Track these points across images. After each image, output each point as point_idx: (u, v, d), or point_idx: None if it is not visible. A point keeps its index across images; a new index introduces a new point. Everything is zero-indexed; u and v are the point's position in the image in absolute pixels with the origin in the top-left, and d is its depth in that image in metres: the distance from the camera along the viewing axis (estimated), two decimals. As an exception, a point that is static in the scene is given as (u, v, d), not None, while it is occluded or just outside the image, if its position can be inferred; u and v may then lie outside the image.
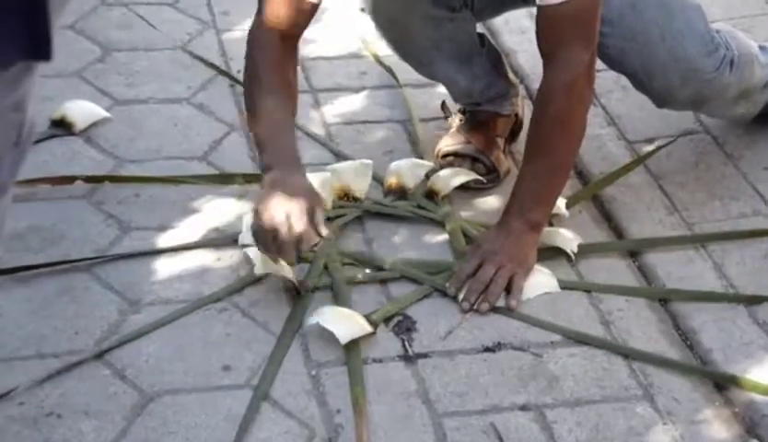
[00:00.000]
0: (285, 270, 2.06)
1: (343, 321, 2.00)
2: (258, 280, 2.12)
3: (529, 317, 2.08)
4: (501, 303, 2.09)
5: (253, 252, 2.09)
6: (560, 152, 2.13)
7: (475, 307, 2.07)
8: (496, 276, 2.08)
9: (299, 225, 1.94)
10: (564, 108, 2.09)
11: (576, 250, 2.21)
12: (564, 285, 2.15)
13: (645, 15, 2.20)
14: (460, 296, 2.09)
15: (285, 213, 1.94)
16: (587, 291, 2.15)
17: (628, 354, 2.02)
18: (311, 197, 1.97)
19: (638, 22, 2.19)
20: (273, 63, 2.10)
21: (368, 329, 2.01)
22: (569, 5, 2.02)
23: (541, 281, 2.14)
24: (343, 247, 2.21)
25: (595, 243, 2.27)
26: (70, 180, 2.33)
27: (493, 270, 2.08)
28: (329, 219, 2.16)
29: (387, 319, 2.06)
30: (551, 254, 2.20)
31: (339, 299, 2.08)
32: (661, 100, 2.32)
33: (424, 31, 2.30)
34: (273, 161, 2.02)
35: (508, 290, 2.09)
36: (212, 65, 2.73)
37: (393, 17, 2.30)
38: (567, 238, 2.23)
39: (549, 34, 2.07)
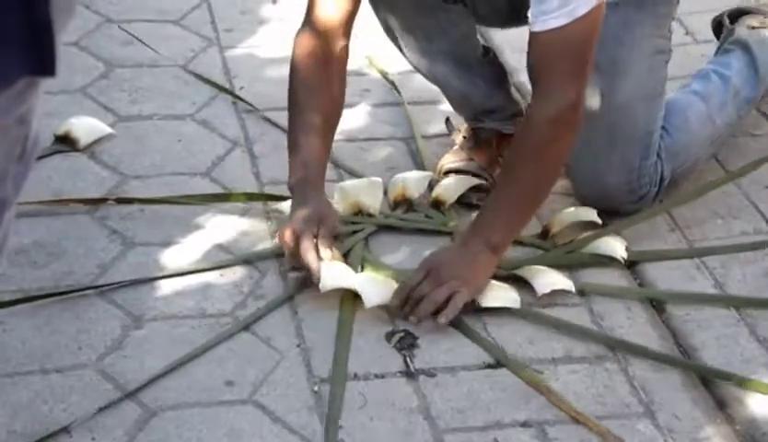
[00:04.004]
0: (350, 281, 2.09)
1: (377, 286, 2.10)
2: (260, 297, 2.13)
3: (531, 329, 2.09)
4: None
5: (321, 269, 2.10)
6: (533, 182, 2.11)
7: (409, 317, 2.07)
8: (433, 293, 2.05)
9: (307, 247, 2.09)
10: (543, 141, 2.06)
11: (625, 255, 2.24)
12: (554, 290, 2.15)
13: (595, 127, 2.22)
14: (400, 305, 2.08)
15: (297, 236, 2.10)
16: (582, 294, 2.17)
17: (614, 346, 2.06)
18: (320, 219, 2.12)
19: (587, 128, 2.15)
20: (316, 68, 2.19)
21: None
22: (562, 32, 1.99)
23: (500, 295, 2.12)
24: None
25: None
26: (74, 202, 2.32)
27: (433, 284, 2.06)
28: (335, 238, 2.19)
29: (389, 335, 2.07)
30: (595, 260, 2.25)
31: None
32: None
33: (414, 18, 2.32)
34: (293, 181, 2.18)
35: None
36: (213, 84, 2.73)
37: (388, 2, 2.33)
38: (615, 245, 2.25)
39: (538, 62, 2.05)
